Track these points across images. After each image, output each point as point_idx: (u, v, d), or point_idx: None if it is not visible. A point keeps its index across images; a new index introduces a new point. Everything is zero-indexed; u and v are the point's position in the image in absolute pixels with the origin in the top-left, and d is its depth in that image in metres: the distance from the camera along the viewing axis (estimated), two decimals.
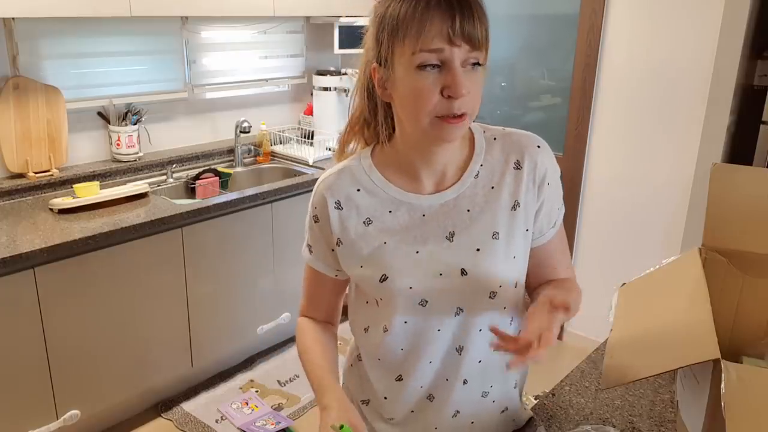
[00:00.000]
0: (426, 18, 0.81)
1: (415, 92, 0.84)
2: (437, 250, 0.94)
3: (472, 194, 0.95)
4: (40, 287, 2.00)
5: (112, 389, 2.29)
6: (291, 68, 3.39)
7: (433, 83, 0.83)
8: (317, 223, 1.01)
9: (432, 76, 0.83)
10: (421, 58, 0.82)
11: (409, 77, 0.84)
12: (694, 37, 2.45)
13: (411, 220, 0.95)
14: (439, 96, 0.83)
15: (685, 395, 1.00)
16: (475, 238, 0.94)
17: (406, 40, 0.83)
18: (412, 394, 1.04)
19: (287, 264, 2.80)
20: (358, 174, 0.98)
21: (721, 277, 1.10)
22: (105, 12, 2.26)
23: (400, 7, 0.84)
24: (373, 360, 1.07)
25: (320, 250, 1.03)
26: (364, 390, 1.12)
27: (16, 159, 2.42)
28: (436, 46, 0.81)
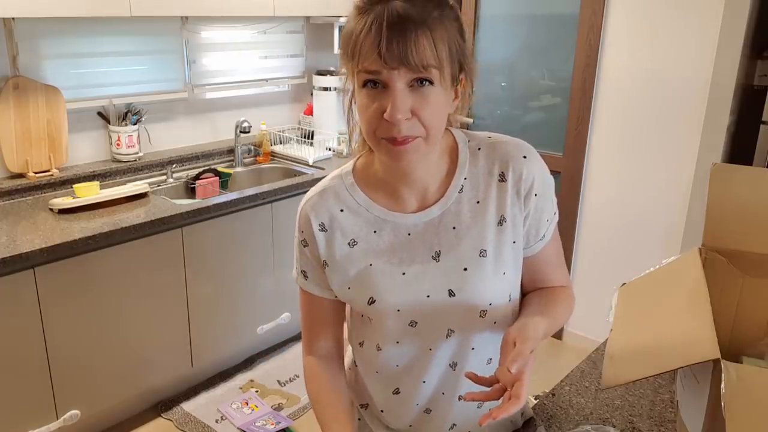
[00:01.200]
0: (365, 38, 0.79)
1: (361, 111, 0.82)
2: (424, 270, 0.91)
3: (457, 210, 0.91)
4: (40, 287, 2.00)
5: (112, 389, 2.29)
6: (291, 68, 3.39)
7: (373, 101, 0.80)
8: (306, 247, 0.97)
9: (374, 96, 0.80)
10: (362, 77, 0.80)
11: (359, 95, 0.82)
12: (694, 37, 2.45)
13: (396, 240, 0.92)
14: (381, 118, 0.80)
15: (685, 395, 1.00)
16: (462, 257, 0.91)
17: (353, 58, 0.81)
18: (409, 408, 1.03)
19: (287, 264, 2.79)
20: (341, 193, 0.95)
21: (721, 277, 1.10)
22: (105, 12, 2.26)
23: (351, 24, 0.82)
24: (371, 373, 1.06)
25: (315, 274, 0.99)
26: (363, 396, 1.11)
27: (16, 159, 2.42)
28: (373, 67, 0.78)
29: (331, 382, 1.02)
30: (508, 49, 3.11)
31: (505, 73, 3.15)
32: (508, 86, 3.16)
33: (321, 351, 1.05)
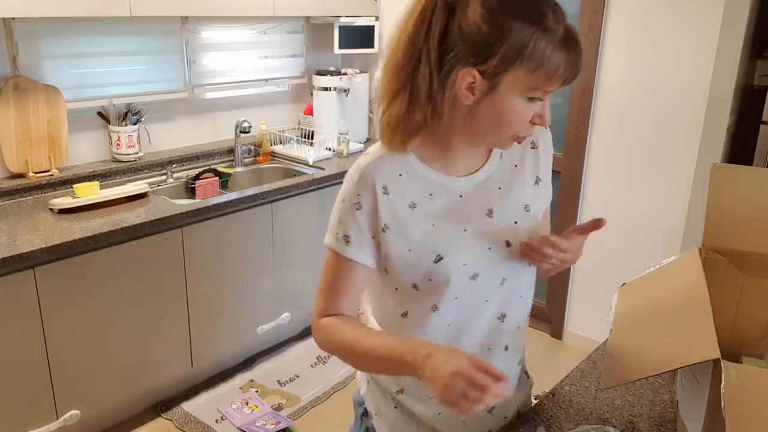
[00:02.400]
0: (563, 61, 0.85)
1: (514, 115, 0.90)
2: (481, 226, 1.00)
3: (499, 173, 1.03)
4: (40, 287, 2.00)
5: (112, 389, 2.29)
6: (291, 68, 3.39)
7: (530, 111, 0.90)
8: (360, 210, 0.96)
9: (532, 106, 0.90)
10: (536, 93, 0.88)
11: (516, 102, 0.89)
12: (694, 38, 2.45)
13: (451, 202, 0.99)
14: (527, 121, 0.92)
15: (685, 395, 1.00)
16: (511, 212, 1.02)
17: (534, 73, 0.85)
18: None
19: (287, 264, 2.80)
20: (399, 159, 0.98)
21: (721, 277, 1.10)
22: (105, 12, 2.26)
23: (543, 39, 0.84)
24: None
25: (360, 239, 0.98)
26: (398, 379, 1.09)
27: (16, 159, 2.42)
28: (554, 88, 0.89)
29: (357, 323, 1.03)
30: None
31: None
32: None
33: (340, 313, 1.03)
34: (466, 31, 0.85)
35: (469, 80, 0.87)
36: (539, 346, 3.10)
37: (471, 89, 0.88)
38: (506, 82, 0.87)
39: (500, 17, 0.84)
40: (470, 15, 0.85)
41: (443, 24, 0.87)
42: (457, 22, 0.86)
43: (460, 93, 0.89)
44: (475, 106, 0.90)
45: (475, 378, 0.78)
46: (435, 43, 0.87)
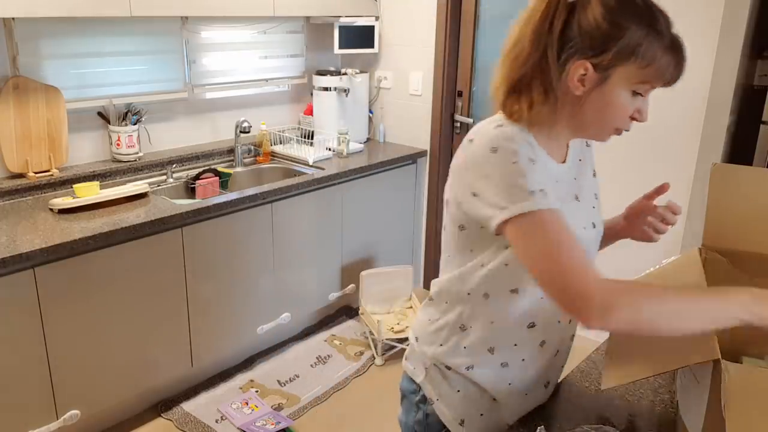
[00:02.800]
0: (671, 62, 0.96)
1: (619, 107, 0.99)
2: (575, 208, 1.09)
3: (575, 166, 1.13)
4: (40, 287, 2.00)
5: (112, 389, 2.29)
6: (291, 68, 3.39)
7: (632, 106, 1.00)
8: (534, 164, 0.96)
9: (635, 101, 0.99)
10: (643, 89, 0.98)
11: (621, 96, 0.97)
12: (694, 37, 2.45)
13: (554, 183, 1.04)
14: (628, 115, 1.01)
15: (685, 395, 1.00)
16: (589, 198, 1.14)
17: (644, 70, 0.95)
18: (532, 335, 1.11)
19: (287, 264, 2.80)
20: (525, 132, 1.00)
21: (721, 277, 1.10)
22: (105, 12, 2.26)
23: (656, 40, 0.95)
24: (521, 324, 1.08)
25: (550, 191, 0.96)
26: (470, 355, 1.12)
27: (16, 159, 2.42)
28: (658, 85, 0.99)
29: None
30: None
31: None
32: None
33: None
34: (585, 26, 0.94)
35: (582, 72, 0.95)
36: None
37: (582, 80, 0.96)
38: (616, 75, 0.95)
39: (619, 17, 0.94)
40: (590, 13, 0.94)
41: (564, 19, 0.95)
42: (577, 18, 0.95)
43: (571, 83, 0.97)
44: (584, 97, 0.98)
45: None
46: (556, 36, 0.96)
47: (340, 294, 3.13)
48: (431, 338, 1.17)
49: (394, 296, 3.11)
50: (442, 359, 1.15)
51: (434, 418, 1.17)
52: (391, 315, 3.07)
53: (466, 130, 3.33)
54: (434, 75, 3.26)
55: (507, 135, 0.97)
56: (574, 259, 0.90)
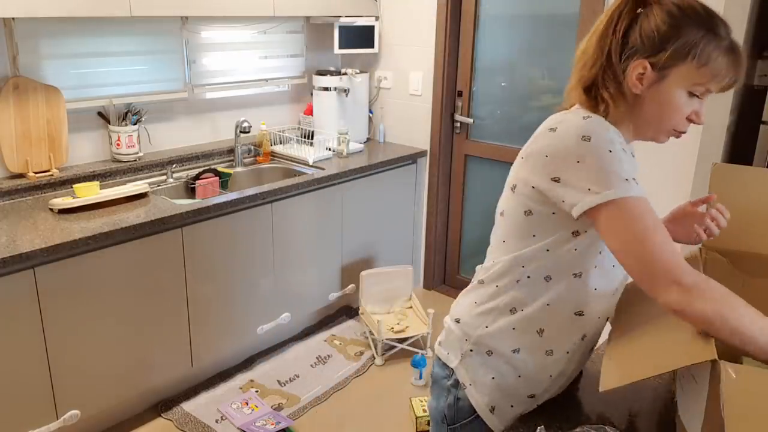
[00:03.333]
0: (728, 66, 0.99)
1: (675, 107, 1.02)
2: None
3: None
4: (40, 287, 2.00)
5: (112, 389, 2.29)
6: (291, 68, 3.39)
7: (689, 107, 1.02)
8: (626, 152, 1.00)
9: (691, 102, 1.02)
10: (698, 90, 1.01)
11: (677, 95, 1.01)
12: None
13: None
14: (684, 116, 1.03)
15: (685, 395, 1.00)
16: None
17: (700, 70, 0.99)
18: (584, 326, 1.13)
19: (287, 264, 2.80)
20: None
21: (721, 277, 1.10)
22: (105, 12, 2.26)
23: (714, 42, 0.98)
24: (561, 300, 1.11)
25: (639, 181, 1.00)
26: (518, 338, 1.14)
27: (16, 159, 2.42)
28: (713, 87, 1.00)
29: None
30: (508, 49, 3.11)
31: (505, 73, 3.15)
32: (508, 86, 3.16)
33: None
34: (646, 30, 1.01)
35: (640, 71, 1.01)
36: None
37: (640, 79, 1.02)
38: (674, 75, 1.00)
39: (679, 20, 0.99)
40: (652, 18, 1.01)
41: (627, 24, 1.02)
42: (640, 23, 1.01)
43: (630, 82, 1.02)
44: (643, 95, 1.03)
45: None
46: (618, 38, 1.02)
47: (340, 294, 3.13)
48: (478, 320, 1.17)
49: (394, 296, 3.11)
50: (487, 341, 1.16)
51: (465, 403, 1.18)
52: (391, 315, 3.07)
53: (467, 130, 3.33)
54: (434, 75, 3.26)
55: (601, 124, 1.01)
56: (669, 245, 0.95)
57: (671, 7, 1.00)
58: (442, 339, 1.26)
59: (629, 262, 0.97)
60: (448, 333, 1.24)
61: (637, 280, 0.97)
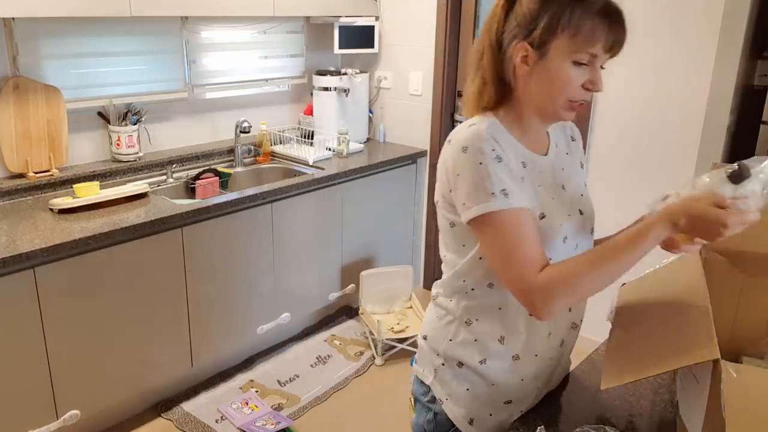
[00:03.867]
0: (601, 28, 0.99)
1: (563, 79, 1.02)
2: (560, 196, 1.12)
3: (559, 158, 1.17)
4: (40, 287, 2.00)
5: (112, 389, 2.29)
6: (291, 68, 3.39)
7: (579, 76, 1.02)
8: (501, 162, 1.01)
9: (580, 71, 1.02)
10: (580, 57, 1.00)
11: (563, 67, 1.01)
12: (694, 37, 2.45)
13: (536, 174, 1.10)
14: (579, 86, 1.03)
15: (685, 395, 1.00)
16: (576, 187, 1.16)
17: (575, 38, 0.99)
18: (539, 327, 1.13)
19: (287, 264, 2.80)
20: (499, 128, 1.07)
21: (721, 277, 1.10)
22: (105, 12, 2.26)
23: (580, 7, 0.98)
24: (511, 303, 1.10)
25: (516, 186, 1.02)
26: (482, 349, 1.14)
27: (16, 159, 2.42)
28: (596, 52, 1.00)
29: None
30: None
31: None
32: None
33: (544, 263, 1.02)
34: (519, 13, 1.03)
35: (523, 53, 1.03)
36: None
37: (525, 61, 1.04)
38: (553, 49, 1.01)
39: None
40: (524, 1, 1.03)
41: (505, 13, 1.05)
42: (515, 9, 1.04)
43: (517, 65, 1.04)
44: (531, 75, 1.04)
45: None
46: (499, 29, 1.06)
47: (340, 294, 3.13)
48: (442, 334, 1.18)
49: (394, 296, 3.11)
50: (454, 354, 1.16)
51: (443, 417, 1.18)
52: (391, 315, 3.07)
53: None
54: (434, 75, 3.26)
55: (476, 134, 1.03)
56: (523, 259, 0.99)
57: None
58: (417, 356, 1.26)
59: (499, 272, 1.04)
60: (420, 350, 1.25)
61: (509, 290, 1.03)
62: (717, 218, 0.91)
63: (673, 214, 0.95)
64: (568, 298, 0.99)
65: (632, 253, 0.96)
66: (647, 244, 0.95)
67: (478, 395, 1.16)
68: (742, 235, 0.94)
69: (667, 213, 0.96)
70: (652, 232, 0.95)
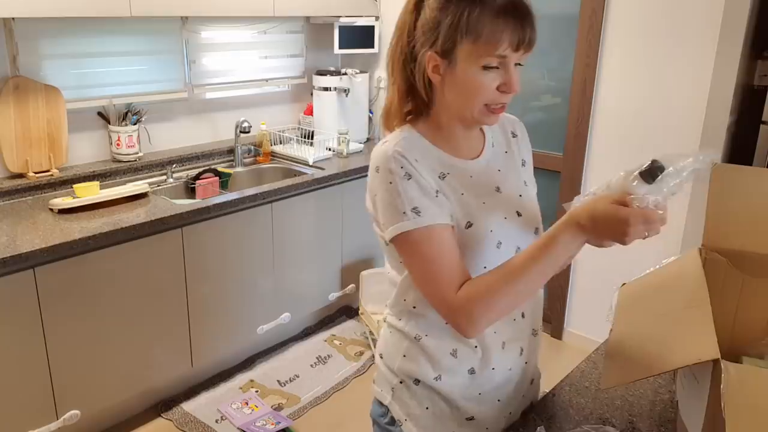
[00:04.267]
0: (501, 28, 0.94)
1: (475, 86, 0.98)
2: (494, 199, 1.08)
3: (495, 159, 1.14)
4: (40, 287, 2.00)
5: (112, 389, 2.29)
6: (291, 68, 3.39)
7: (492, 80, 0.98)
8: (411, 179, 0.99)
9: (492, 75, 0.97)
10: (488, 61, 0.96)
11: (472, 73, 0.97)
12: (694, 38, 2.45)
13: (464, 181, 1.06)
14: (494, 90, 0.98)
15: (685, 395, 1.00)
16: (514, 188, 1.12)
17: (477, 43, 0.95)
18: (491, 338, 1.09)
19: (287, 264, 2.80)
20: (416, 141, 1.05)
21: (721, 277, 1.10)
22: (105, 12, 2.26)
23: (477, 10, 0.94)
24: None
25: (429, 203, 0.99)
26: (435, 365, 1.10)
27: (16, 159, 2.42)
28: (503, 53, 0.95)
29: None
30: None
31: None
32: None
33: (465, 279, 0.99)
34: (423, 21, 1.00)
35: (433, 63, 1.00)
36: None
37: (436, 70, 1.00)
38: (460, 56, 0.97)
39: (444, 1, 0.97)
40: (427, 8, 0.99)
41: (412, 22, 1.02)
42: (420, 17, 1.00)
43: (430, 75, 1.01)
44: (444, 84, 1.01)
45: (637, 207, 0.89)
46: (410, 37, 1.02)
47: (340, 294, 3.13)
48: (394, 351, 1.15)
49: None
50: (409, 371, 1.12)
51: None
52: None
53: None
54: None
55: (384, 153, 1.01)
56: (440, 278, 0.97)
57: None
58: (375, 377, 1.22)
59: (421, 292, 1.03)
60: (378, 370, 1.21)
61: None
62: (617, 216, 0.86)
63: (576, 215, 0.90)
64: (491, 314, 0.95)
65: (545, 262, 0.92)
66: (559, 250, 0.92)
67: (438, 414, 1.11)
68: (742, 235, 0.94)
69: (571, 215, 0.91)
70: (560, 237, 0.91)
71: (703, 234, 1.13)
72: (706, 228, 1.13)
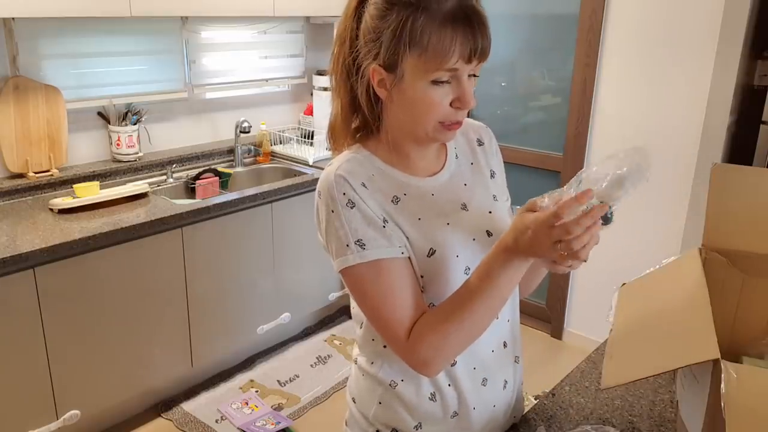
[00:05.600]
0: (450, 38, 0.83)
1: (426, 102, 0.88)
2: (460, 219, 0.97)
3: (460, 172, 1.03)
4: (40, 287, 2.00)
5: (112, 389, 2.29)
6: (291, 68, 3.39)
7: (444, 96, 0.87)
8: (354, 207, 0.90)
9: (444, 90, 0.87)
10: (437, 75, 0.85)
11: (421, 89, 0.87)
12: (694, 38, 2.45)
13: (424, 200, 0.97)
14: (447, 106, 0.88)
15: (685, 395, 1.00)
16: (483, 204, 1.01)
17: (424, 56, 0.84)
18: (466, 368, 1.01)
19: (287, 264, 2.80)
20: (365, 163, 0.95)
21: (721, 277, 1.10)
22: (105, 12, 2.26)
23: (421, 18, 0.83)
24: None
25: (374, 234, 0.90)
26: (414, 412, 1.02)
27: (16, 159, 2.42)
28: (454, 66, 0.85)
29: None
30: (508, 49, 3.11)
31: (505, 73, 3.15)
32: (508, 86, 3.16)
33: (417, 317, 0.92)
34: (364, 29, 0.88)
35: (378, 76, 0.89)
36: (539, 346, 3.10)
37: (383, 84, 0.89)
38: (407, 70, 0.86)
39: (384, 9, 0.85)
40: (366, 15, 0.88)
41: (354, 29, 0.90)
42: (361, 25, 0.89)
43: (376, 89, 0.90)
44: (391, 100, 0.91)
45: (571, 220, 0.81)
46: (348, 49, 0.91)
47: (340, 294, 3.13)
48: (368, 397, 1.06)
49: None
50: (386, 421, 1.03)
51: None
52: None
53: None
54: None
55: (326, 177, 0.93)
56: (389, 317, 0.90)
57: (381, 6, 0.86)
58: (347, 417, 1.13)
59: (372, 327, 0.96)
60: (350, 413, 1.12)
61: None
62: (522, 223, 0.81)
63: (503, 238, 0.84)
64: (444, 354, 0.88)
65: (488, 294, 0.85)
66: (500, 280, 0.85)
67: None
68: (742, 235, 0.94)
69: (500, 239, 0.85)
70: (494, 266, 0.85)
71: (703, 234, 1.13)
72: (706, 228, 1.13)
